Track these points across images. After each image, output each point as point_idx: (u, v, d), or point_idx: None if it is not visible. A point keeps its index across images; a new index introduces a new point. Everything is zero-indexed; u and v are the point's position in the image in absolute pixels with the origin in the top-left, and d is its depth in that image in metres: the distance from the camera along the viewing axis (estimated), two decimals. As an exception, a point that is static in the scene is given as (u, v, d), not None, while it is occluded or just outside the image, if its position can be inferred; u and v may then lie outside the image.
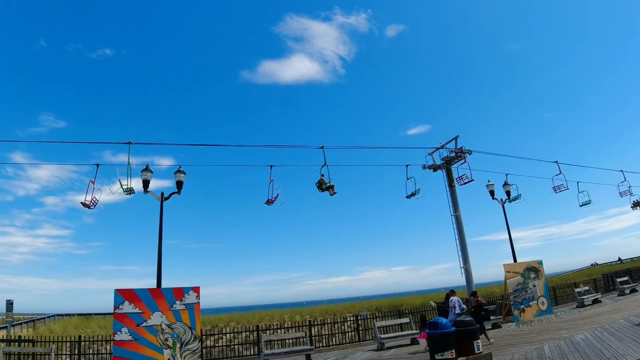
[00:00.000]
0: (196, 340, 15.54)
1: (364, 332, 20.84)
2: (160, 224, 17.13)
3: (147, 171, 16.93)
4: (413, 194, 21.06)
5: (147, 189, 16.94)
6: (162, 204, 17.19)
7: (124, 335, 15.10)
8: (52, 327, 38.39)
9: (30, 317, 48.78)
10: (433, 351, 9.93)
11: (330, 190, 18.30)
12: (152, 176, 16.95)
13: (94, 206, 16.26)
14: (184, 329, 15.46)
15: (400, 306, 29.92)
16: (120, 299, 15.47)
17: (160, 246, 16.90)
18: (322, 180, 18.25)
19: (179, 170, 17.16)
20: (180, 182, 17.11)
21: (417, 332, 18.27)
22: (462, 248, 21.58)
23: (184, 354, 15.20)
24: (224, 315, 37.21)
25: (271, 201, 18.01)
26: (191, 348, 15.37)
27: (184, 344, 15.29)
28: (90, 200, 15.98)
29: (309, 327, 19.36)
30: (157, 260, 16.76)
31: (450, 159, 22.48)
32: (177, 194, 17.21)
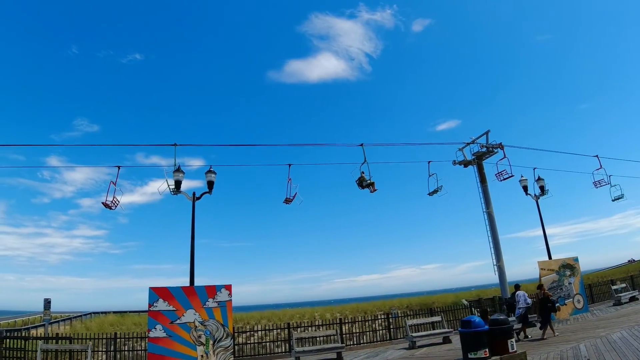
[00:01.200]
0: (228, 338, 15.73)
1: (395, 331, 20.72)
2: (192, 223, 17.40)
3: (179, 172, 17.22)
4: (435, 190, 20.74)
5: (179, 190, 17.24)
6: (194, 204, 17.46)
7: (158, 332, 15.41)
8: (88, 324, 39.57)
9: (67, 315, 50.33)
10: (466, 350, 9.80)
11: (371, 187, 18.25)
12: (183, 177, 17.24)
13: (115, 206, 16.65)
14: (216, 326, 15.67)
15: (431, 304, 29.65)
16: (154, 296, 15.80)
17: (192, 245, 17.18)
18: (362, 177, 18.22)
19: (209, 171, 17.38)
20: (211, 182, 17.33)
21: (450, 330, 18.07)
22: (495, 245, 21.23)
23: (216, 350, 15.41)
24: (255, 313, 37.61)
25: (289, 200, 18.07)
26: (224, 345, 15.57)
27: (216, 341, 15.50)
28: (112, 200, 16.34)
29: (339, 325, 19.35)
30: (190, 258, 17.04)
31: (482, 154, 22.11)
32: (208, 193, 17.45)
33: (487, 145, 21.70)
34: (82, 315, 51.53)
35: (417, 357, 14.31)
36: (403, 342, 18.47)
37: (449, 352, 14.01)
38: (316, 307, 44.93)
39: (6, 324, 41.11)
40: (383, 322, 21.20)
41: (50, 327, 33.82)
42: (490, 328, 10.11)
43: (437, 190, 20.70)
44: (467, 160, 22.51)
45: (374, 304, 39.19)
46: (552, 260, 22.35)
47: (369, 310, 34.31)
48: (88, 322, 42.62)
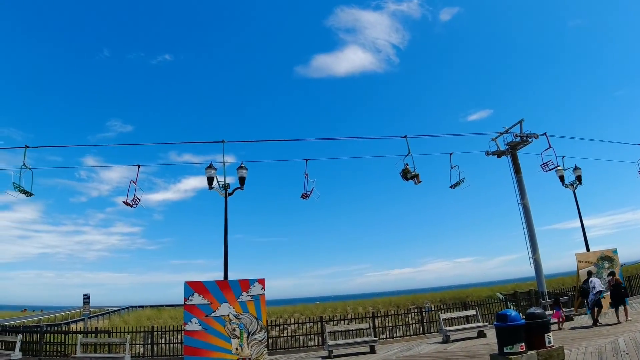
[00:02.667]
0: (262, 331, 15.91)
1: (429, 324, 20.56)
2: (225, 219, 17.65)
3: (211, 168, 17.45)
4: (458, 183, 19.97)
5: (212, 186, 17.48)
6: (226, 200, 17.68)
7: (194, 325, 15.72)
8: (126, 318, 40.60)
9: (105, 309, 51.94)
10: (502, 344, 9.63)
11: (416, 179, 18.13)
12: (215, 173, 17.47)
13: (136, 205, 16.97)
14: (250, 320, 15.88)
15: (465, 298, 29.32)
16: (190, 291, 16.12)
17: (226, 240, 17.43)
18: (406, 169, 18.12)
19: (241, 167, 17.55)
20: (243, 177, 17.50)
21: (485, 324, 17.85)
22: (531, 237, 20.81)
23: (250, 343, 15.62)
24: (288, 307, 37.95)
25: (307, 195, 18.07)
26: (257, 338, 15.76)
27: (250, 334, 15.71)
28: (132, 199, 16.68)
29: (372, 318, 19.33)
30: (224, 253, 17.30)
31: (516, 144, 21.62)
32: (240, 189, 17.63)
33: (521, 135, 21.21)
34: (120, 309, 53.08)
35: (451, 351, 14.18)
36: (437, 336, 18.33)
37: (484, 346, 13.82)
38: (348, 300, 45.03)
39: (47, 319, 42.62)
40: (416, 315, 21.05)
41: (90, 321, 34.90)
42: (527, 322, 9.92)
43: (460, 182, 19.97)
44: (501, 150, 22.06)
45: (406, 297, 39.05)
46: (590, 252, 21.71)
47: (402, 304, 34.18)
48: (126, 316, 43.77)
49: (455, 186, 19.98)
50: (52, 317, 44.76)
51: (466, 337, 16.85)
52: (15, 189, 15.43)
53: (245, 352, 15.52)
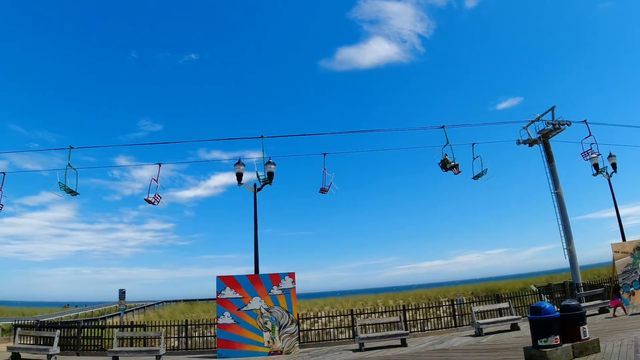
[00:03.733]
0: (293, 324, 16.05)
1: (460, 318, 20.35)
2: (254, 214, 17.84)
3: (240, 165, 17.64)
4: (480, 174, 19.40)
5: (241, 182, 17.67)
6: (255, 195, 17.87)
7: (226, 318, 16.00)
8: (160, 312, 41.52)
9: (140, 304, 53.15)
10: (536, 337, 9.48)
11: (455, 169, 17.94)
12: (244, 169, 17.63)
13: (157, 202, 17.22)
14: (281, 313, 16.04)
15: (497, 290, 28.95)
16: (222, 285, 16.40)
17: (256, 235, 17.62)
18: (445, 159, 17.94)
19: (269, 162, 17.67)
20: (271, 173, 17.63)
21: (518, 317, 17.59)
22: (565, 228, 20.36)
23: (282, 336, 15.78)
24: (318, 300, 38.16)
25: (325, 190, 18.02)
26: (289, 331, 15.91)
27: (282, 327, 15.87)
28: (154, 196, 16.91)
29: (403, 311, 19.25)
30: (254, 248, 17.49)
31: (548, 132, 21.09)
32: (269, 184, 17.76)
33: (554, 122, 20.68)
34: (155, 304, 54.22)
35: (484, 344, 14.01)
36: (469, 329, 18.14)
37: (517, 340, 13.62)
38: (379, 293, 44.98)
39: (84, 314, 43.90)
40: (447, 308, 20.86)
41: (125, 316, 35.75)
42: (561, 314, 9.74)
43: (482, 173, 19.38)
44: (532, 139, 21.57)
45: (437, 290, 38.78)
46: (627, 242, 21.09)
47: (433, 296, 33.97)
48: (160, 310, 44.73)
49: (478, 177, 19.48)
50: (89, 313, 46.05)
51: (499, 330, 16.62)
52: (61, 188, 15.82)
53: (277, 345, 15.69)
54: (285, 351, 15.66)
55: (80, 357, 17.55)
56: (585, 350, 9.41)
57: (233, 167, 17.79)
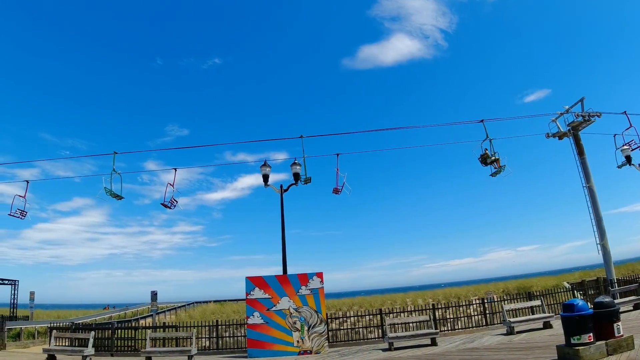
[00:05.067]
0: (322, 323, 16.11)
1: (492, 316, 20.09)
2: (281, 214, 17.98)
3: (266, 166, 17.80)
4: (498, 171, 18.92)
5: (267, 183, 17.81)
6: (282, 196, 17.99)
7: (256, 318, 16.17)
8: (191, 313, 42.10)
9: (172, 305, 54.08)
10: (569, 335, 9.31)
11: (496, 163, 17.68)
12: (270, 171, 17.78)
13: (174, 207, 17.42)
14: (310, 313, 16.11)
15: (529, 288, 28.41)
16: (251, 285, 16.58)
17: (283, 235, 17.76)
18: (486, 154, 17.70)
19: (294, 163, 17.77)
20: (297, 173, 17.72)
21: (551, 315, 17.25)
22: (598, 222, 19.89)
23: (311, 336, 15.85)
24: (347, 299, 38.11)
25: (338, 190, 17.94)
26: (318, 331, 15.98)
27: (311, 326, 15.94)
28: (170, 201, 17.11)
29: (432, 310, 19.11)
30: (282, 248, 17.63)
31: (577, 124, 20.57)
32: (295, 185, 17.86)
33: (583, 114, 20.17)
34: (186, 304, 55.06)
35: (516, 343, 13.81)
36: (500, 328, 17.89)
37: (550, 338, 13.38)
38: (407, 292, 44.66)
39: (117, 315, 44.87)
40: (478, 307, 20.61)
41: (157, 316, 36.46)
42: (595, 311, 9.54)
43: (501, 170, 18.92)
44: (562, 132, 21.09)
45: (467, 288, 38.28)
46: (664, 237, 20.45)
47: (463, 295, 33.56)
48: (191, 311, 45.33)
49: (496, 174, 18.97)
50: (123, 314, 47.05)
51: (531, 328, 16.35)
52: (107, 193, 16.21)
53: (306, 345, 15.78)
54: (314, 351, 15.74)
55: (114, 358, 17.97)
56: (619, 348, 9.21)
57: (259, 168, 17.96)
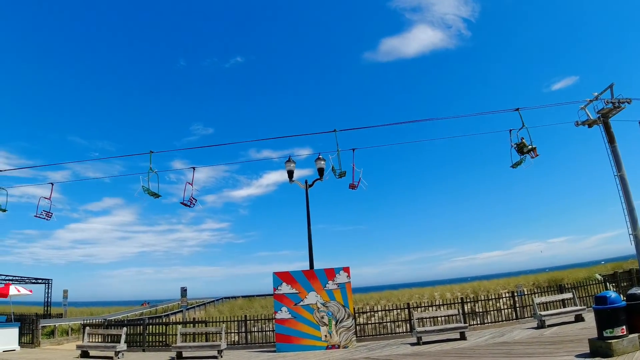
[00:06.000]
0: (350, 318, 16.14)
1: (522, 309, 19.82)
2: (307, 210, 18.05)
3: (290, 162, 17.85)
4: (518, 162, 18.31)
5: (292, 179, 17.88)
6: (307, 191, 18.05)
7: (284, 313, 16.30)
8: (220, 308, 42.73)
9: (201, 300, 54.97)
10: (601, 328, 9.13)
11: (532, 152, 17.35)
12: (295, 166, 17.83)
13: (193, 205, 17.58)
14: (337, 307, 16.17)
15: (560, 280, 27.89)
16: (278, 281, 16.73)
17: (309, 231, 17.82)
18: (522, 143, 17.38)
19: (318, 158, 17.78)
20: (322, 169, 17.72)
21: (583, 307, 16.94)
22: (630, 212, 19.31)
23: (339, 330, 15.91)
24: (374, 294, 38.03)
25: (354, 186, 17.80)
26: (345, 325, 16.02)
27: (338, 321, 16.00)
28: (189, 199, 17.29)
29: (461, 304, 18.96)
30: (308, 243, 17.70)
31: (607, 112, 19.98)
32: (320, 180, 17.88)
33: (613, 101, 19.60)
34: (215, 300, 55.90)
35: (547, 336, 13.60)
36: (531, 322, 17.65)
37: (582, 331, 13.15)
38: (435, 286, 44.36)
39: (148, 312, 45.83)
40: (508, 300, 20.36)
41: (187, 312, 37.07)
42: (628, 303, 9.33)
43: (521, 161, 18.35)
44: (592, 119, 20.52)
45: (496, 281, 37.80)
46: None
47: (492, 288, 33.16)
48: (220, 307, 46.02)
49: (517, 165, 18.47)
50: (154, 310, 48.02)
51: (562, 321, 16.08)
52: (144, 191, 16.56)
53: (334, 339, 15.85)
54: (342, 345, 15.79)
55: (146, 353, 18.35)
56: (654, 341, 9.00)
57: (284, 165, 18.04)
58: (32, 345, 20.60)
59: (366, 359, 13.05)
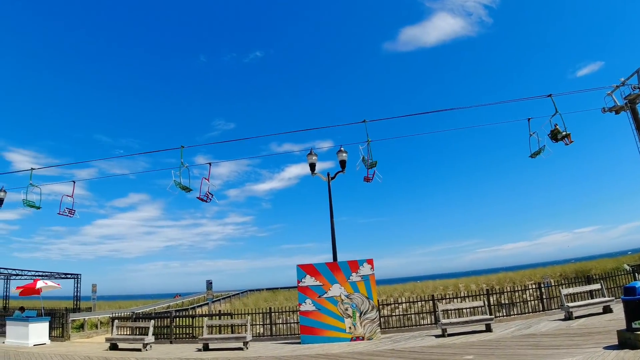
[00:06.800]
0: (374, 310, 16.18)
1: (549, 301, 19.57)
2: (329, 202, 18.09)
3: (312, 155, 17.89)
4: (538, 151, 17.61)
5: (314, 172, 17.92)
6: (329, 184, 18.09)
7: (308, 305, 16.43)
8: (245, 301, 43.31)
9: (226, 293, 55.74)
10: (630, 319, 8.98)
11: (567, 139, 17.10)
12: (317, 159, 17.86)
13: (209, 200, 17.77)
14: (361, 299, 16.21)
15: (588, 271, 27.49)
16: (302, 273, 16.85)
17: (332, 223, 17.88)
18: (556, 129, 17.12)
19: (340, 150, 17.78)
20: (343, 161, 17.72)
21: (611, 299, 16.64)
22: (660, 202, 18.88)
23: (363, 322, 15.96)
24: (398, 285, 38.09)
25: (369, 178, 17.68)
26: (369, 317, 16.06)
27: (362, 313, 16.05)
28: (205, 194, 17.47)
29: (487, 295, 18.82)
30: (331, 236, 17.77)
31: (634, 97, 19.48)
32: (342, 172, 17.89)
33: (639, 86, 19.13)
34: (239, 293, 56.60)
35: (574, 328, 13.43)
36: (558, 313, 17.42)
37: (610, 323, 12.94)
38: (460, 278, 44.12)
39: (175, 304, 46.70)
40: (534, 292, 20.13)
41: (213, 305, 37.64)
42: (658, 295, 9.14)
43: (540, 151, 17.85)
44: (619, 105, 20.07)
45: (522, 273, 37.44)
46: None
47: (518, 279, 32.85)
48: (245, 299, 46.64)
49: (536, 155, 18.06)
50: (180, 303, 48.89)
51: (590, 313, 15.84)
52: (176, 186, 16.94)
53: (358, 331, 15.91)
54: (367, 337, 15.84)
55: (173, 345, 18.70)
56: (685, 333, 8.82)
57: (305, 157, 18.09)
58: (62, 339, 21.13)
59: (391, 350, 13.08)
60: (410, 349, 13.05)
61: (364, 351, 13.38)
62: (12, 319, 19.60)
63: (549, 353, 9.93)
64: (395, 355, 12.28)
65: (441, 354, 11.71)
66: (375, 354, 12.68)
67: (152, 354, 15.68)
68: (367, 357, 12.41)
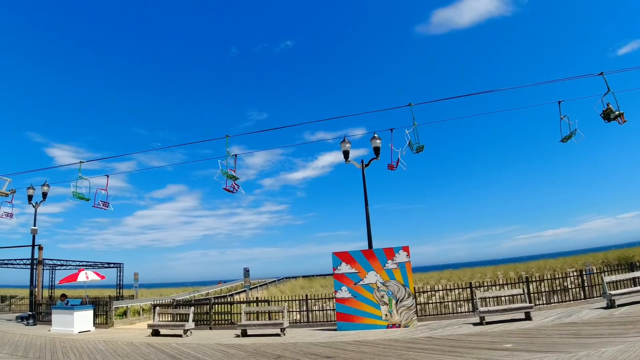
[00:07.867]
0: (410, 297, 16.16)
1: (590, 289, 19.12)
2: (364, 189, 18.10)
3: (345, 142, 17.91)
4: (569, 136, 17.18)
5: (348, 159, 17.94)
6: (363, 171, 18.08)
7: (344, 293, 16.55)
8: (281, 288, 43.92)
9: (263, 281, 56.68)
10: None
11: (620, 118, 16.66)
12: (350, 147, 17.87)
13: (236, 191, 18.08)
14: (397, 287, 16.22)
15: (631, 258, 26.67)
16: (337, 261, 16.96)
17: (367, 210, 17.90)
18: (609, 109, 16.70)
19: (374, 137, 17.72)
20: (377, 148, 17.68)
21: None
22: None
23: (399, 309, 15.98)
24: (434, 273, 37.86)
25: (393, 166, 17.43)
26: (406, 304, 16.06)
27: (399, 300, 16.06)
28: (231, 185, 17.78)
29: (526, 283, 18.51)
30: (366, 223, 17.80)
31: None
32: (376, 159, 17.85)
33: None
34: (276, 280, 57.46)
35: (617, 316, 13.10)
36: (600, 301, 17.00)
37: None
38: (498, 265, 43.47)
39: (214, 292, 47.73)
40: (575, 279, 19.69)
41: (250, 292, 38.35)
42: None
43: (572, 135, 17.15)
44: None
45: (563, 260, 36.64)
46: None
47: (558, 267, 32.17)
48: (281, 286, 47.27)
49: (567, 139, 17.40)
50: (219, 290, 49.96)
51: (634, 301, 15.38)
52: (223, 175, 17.54)
53: (394, 319, 15.94)
54: (403, 324, 15.86)
55: (212, 331, 19.15)
56: None
57: (339, 145, 18.12)
58: (106, 326, 21.91)
59: (428, 338, 13.07)
60: (447, 336, 13.00)
61: (400, 338, 13.40)
62: (58, 308, 20.35)
63: (590, 342, 9.74)
64: (432, 343, 12.25)
65: (479, 342, 11.62)
66: (412, 342, 12.68)
67: (192, 340, 16.10)
68: (403, 344, 12.43)
